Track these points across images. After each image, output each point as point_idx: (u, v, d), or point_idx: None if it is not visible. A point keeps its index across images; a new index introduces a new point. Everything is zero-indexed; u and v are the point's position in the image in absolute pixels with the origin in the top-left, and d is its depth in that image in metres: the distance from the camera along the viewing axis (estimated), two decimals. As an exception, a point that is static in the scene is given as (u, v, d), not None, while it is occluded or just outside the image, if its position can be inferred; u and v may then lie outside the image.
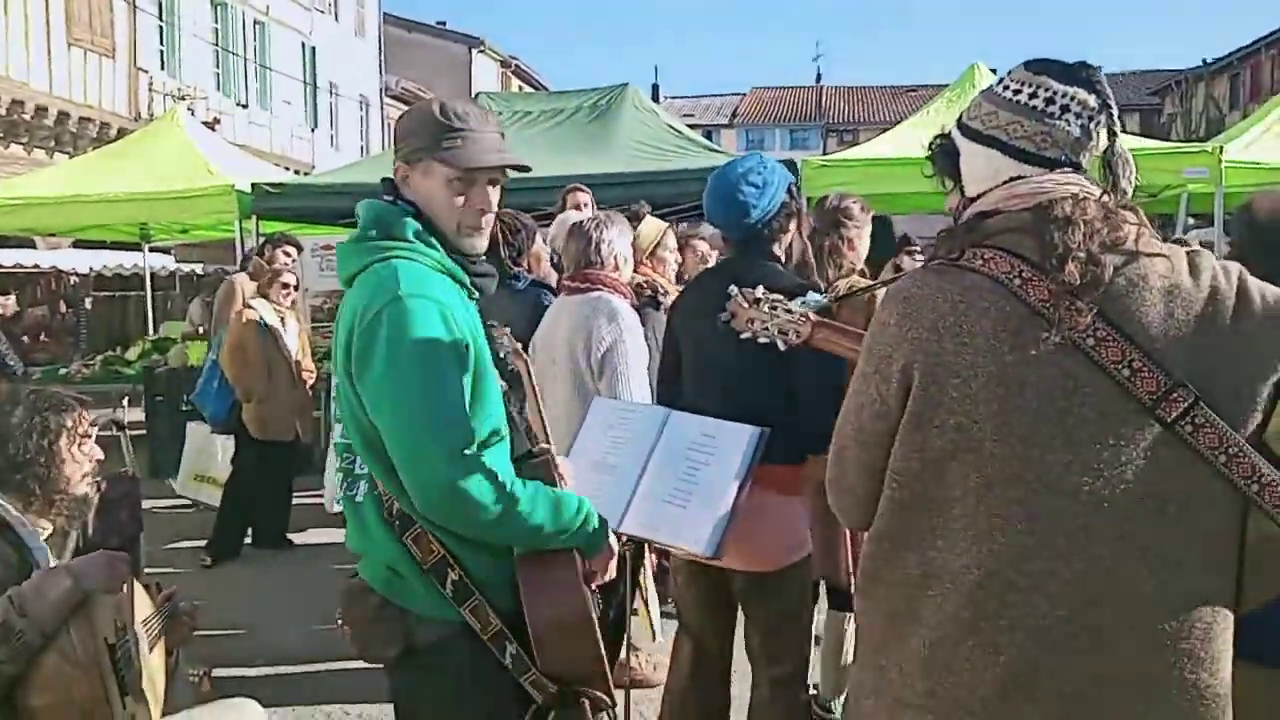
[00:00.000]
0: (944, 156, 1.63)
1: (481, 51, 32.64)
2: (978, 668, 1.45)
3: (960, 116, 1.63)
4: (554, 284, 4.17)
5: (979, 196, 1.56)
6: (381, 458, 1.87)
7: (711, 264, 4.75)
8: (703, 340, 2.86)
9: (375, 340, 1.81)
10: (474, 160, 1.93)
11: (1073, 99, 1.50)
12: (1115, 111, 1.53)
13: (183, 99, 16.86)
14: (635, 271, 4.17)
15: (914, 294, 1.51)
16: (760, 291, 2.28)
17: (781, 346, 2.30)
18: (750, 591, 2.81)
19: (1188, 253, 1.50)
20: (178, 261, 16.23)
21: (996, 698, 1.44)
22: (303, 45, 23.94)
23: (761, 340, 2.29)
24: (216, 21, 20.33)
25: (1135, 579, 1.41)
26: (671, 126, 9.22)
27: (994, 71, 11.63)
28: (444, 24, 33.40)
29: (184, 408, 8.76)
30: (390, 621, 1.91)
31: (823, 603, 3.47)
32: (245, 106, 20.91)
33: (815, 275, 3.17)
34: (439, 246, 1.96)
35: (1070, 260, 1.42)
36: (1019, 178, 1.52)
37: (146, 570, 3.91)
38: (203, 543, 6.35)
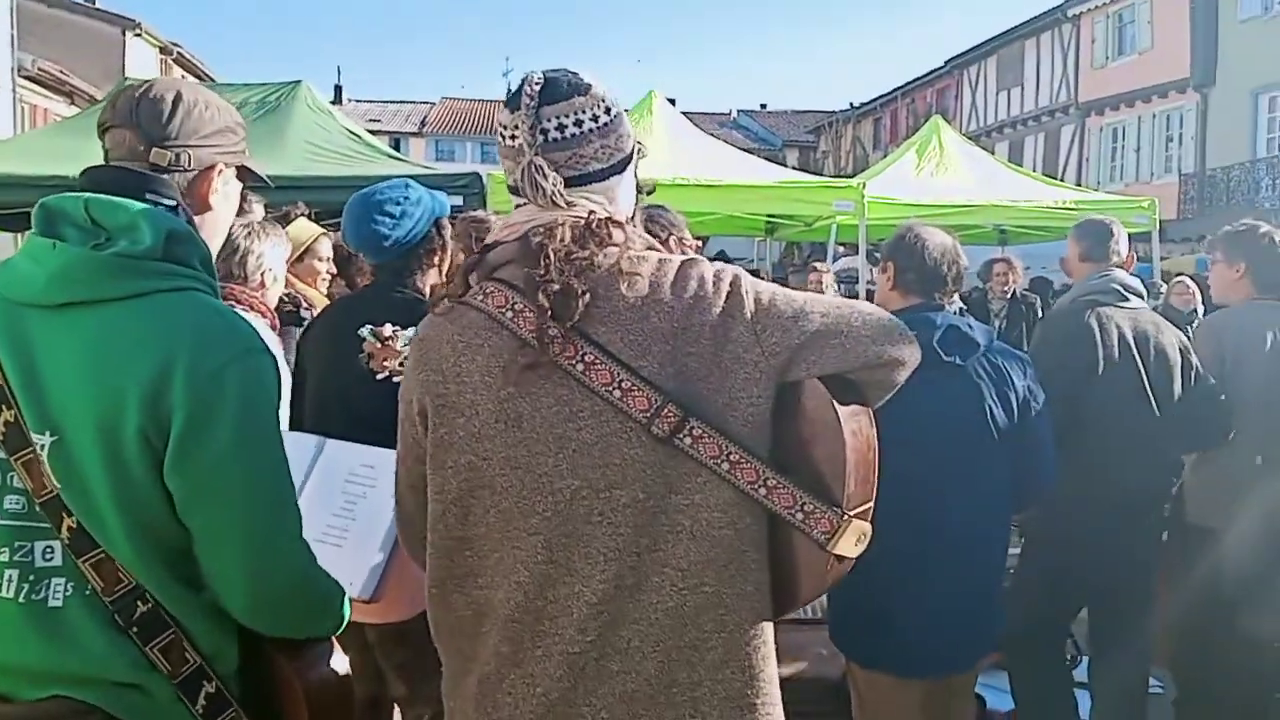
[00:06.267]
0: None
1: (138, 35, 29.65)
2: (518, 700, 1.45)
3: None
4: None
5: None
6: (159, 549, 1.48)
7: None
8: (327, 370, 2.67)
9: (221, 403, 1.45)
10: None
11: (510, 127, 1.51)
12: (530, 123, 1.48)
13: None
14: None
15: (425, 337, 1.53)
16: (390, 330, 2.19)
17: None
18: (386, 641, 2.58)
19: (682, 263, 1.50)
20: None
21: None
22: (-89, 11, 20.60)
23: (397, 380, 2.16)
24: None
25: (658, 594, 1.43)
26: (351, 131, 8.75)
27: (672, 101, 12.26)
28: (92, 2, 30.07)
29: None
30: None
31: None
32: None
33: None
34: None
35: (541, 290, 1.42)
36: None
37: None
38: None
